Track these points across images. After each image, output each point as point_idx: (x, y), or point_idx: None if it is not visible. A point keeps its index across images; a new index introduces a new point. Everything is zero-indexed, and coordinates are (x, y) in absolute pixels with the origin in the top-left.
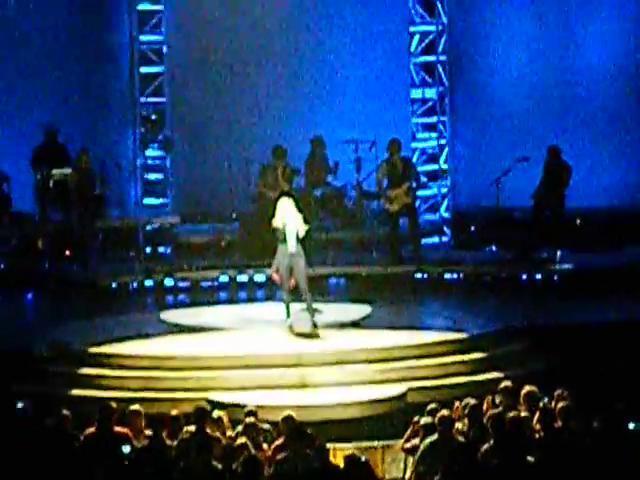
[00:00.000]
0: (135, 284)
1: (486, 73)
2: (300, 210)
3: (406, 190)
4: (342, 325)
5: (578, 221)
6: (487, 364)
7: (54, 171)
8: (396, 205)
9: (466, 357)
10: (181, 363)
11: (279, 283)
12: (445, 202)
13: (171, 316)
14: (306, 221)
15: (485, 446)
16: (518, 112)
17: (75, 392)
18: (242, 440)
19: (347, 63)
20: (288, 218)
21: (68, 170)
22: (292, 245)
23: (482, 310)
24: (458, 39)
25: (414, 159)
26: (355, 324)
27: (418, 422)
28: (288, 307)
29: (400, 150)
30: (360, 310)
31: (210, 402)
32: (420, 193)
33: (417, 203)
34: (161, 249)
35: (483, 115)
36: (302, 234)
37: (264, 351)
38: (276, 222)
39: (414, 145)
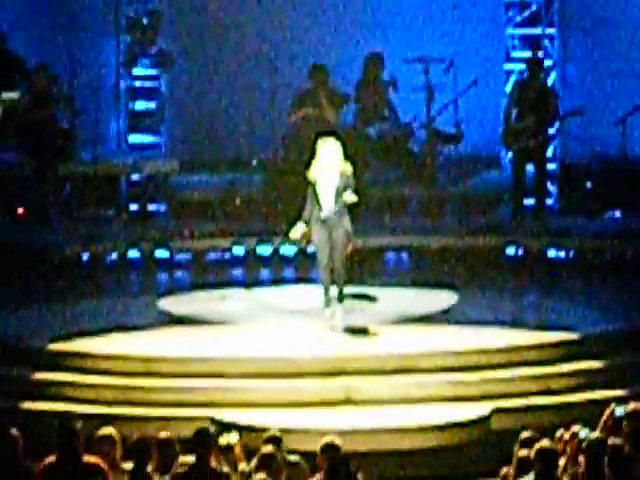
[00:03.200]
0: (114, 255)
1: None
2: (350, 160)
3: (531, 125)
4: (405, 320)
5: None
6: (606, 377)
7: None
8: (515, 145)
9: (576, 366)
10: (176, 367)
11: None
12: (550, 149)
13: (163, 301)
14: (355, 176)
15: None
16: None
17: (28, 405)
18: (260, 477)
19: None
20: (326, 170)
21: (17, 94)
22: (328, 208)
23: (599, 301)
24: None
25: (508, 86)
26: (425, 318)
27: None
28: (328, 292)
29: (542, 71)
30: (435, 298)
31: (217, 423)
32: None
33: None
34: (152, 207)
35: (607, 27)
36: (350, 200)
37: (293, 353)
38: (313, 172)
39: (508, 67)
